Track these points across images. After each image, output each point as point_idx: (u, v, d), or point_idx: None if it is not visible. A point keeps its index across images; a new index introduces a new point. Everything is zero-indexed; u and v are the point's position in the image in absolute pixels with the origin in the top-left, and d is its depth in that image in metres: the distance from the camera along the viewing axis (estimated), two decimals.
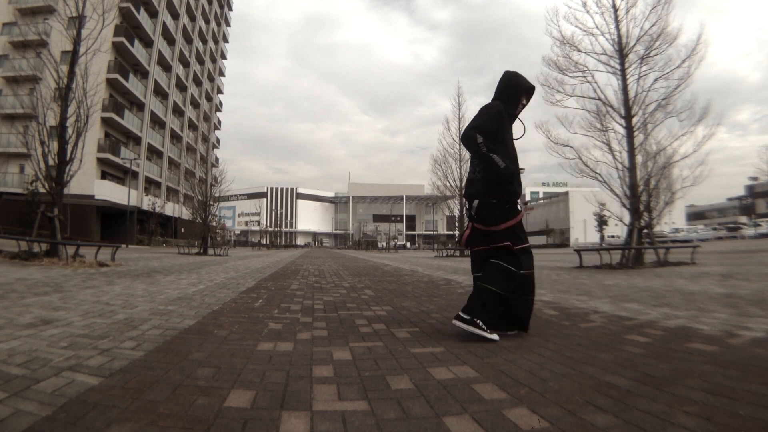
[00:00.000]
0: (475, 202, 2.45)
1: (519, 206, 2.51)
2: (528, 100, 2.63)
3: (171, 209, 41.30)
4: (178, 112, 43.50)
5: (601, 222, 39.37)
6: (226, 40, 59.57)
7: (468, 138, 2.39)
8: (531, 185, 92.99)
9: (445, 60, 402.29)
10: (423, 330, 2.57)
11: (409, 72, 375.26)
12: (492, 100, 2.57)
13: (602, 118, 9.63)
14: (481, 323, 2.26)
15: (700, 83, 10.03)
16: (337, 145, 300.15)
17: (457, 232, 25.97)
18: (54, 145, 8.82)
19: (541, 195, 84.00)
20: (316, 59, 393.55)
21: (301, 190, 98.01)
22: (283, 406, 1.34)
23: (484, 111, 2.49)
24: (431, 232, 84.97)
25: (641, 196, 9.06)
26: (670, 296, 4.08)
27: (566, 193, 60.38)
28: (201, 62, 49.30)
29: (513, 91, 2.54)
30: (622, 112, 9.39)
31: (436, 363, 1.84)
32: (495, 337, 2.27)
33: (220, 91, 58.56)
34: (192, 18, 44.95)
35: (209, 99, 53.90)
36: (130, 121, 32.94)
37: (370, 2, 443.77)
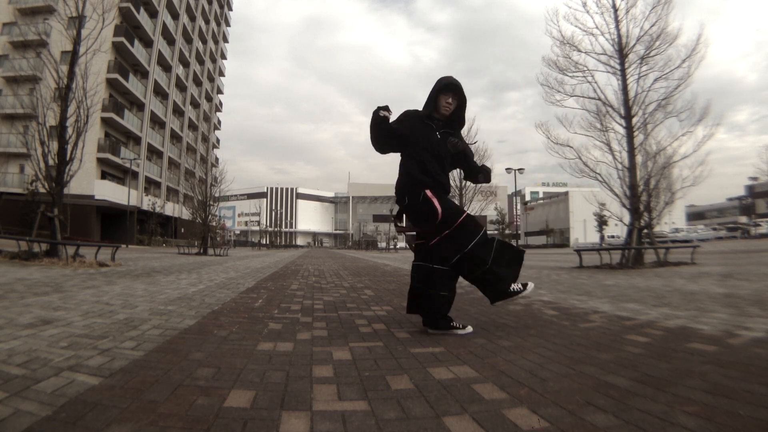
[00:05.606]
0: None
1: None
2: (451, 95, 2.50)
3: (171, 209, 41.30)
4: (178, 112, 43.49)
5: (601, 222, 39.37)
6: (226, 41, 59.57)
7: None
8: (531, 185, 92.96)
9: (444, 61, 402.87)
10: (423, 330, 2.57)
11: (409, 73, 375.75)
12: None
13: (602, 118, 9.65)
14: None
15: (699, 84, 10.07)
16: (337, 146, 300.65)
17: None
18: (54, 145, 8.81)
19: (541, 195, 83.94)
20: (315, 61, 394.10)
21: (301, 190, 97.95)
22: (283, 406, 1.34)
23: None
24: None
25: (641, 196, 9.06)
26: (670, 296, 4.08)
27: (566, 193, 60.34)
28: (201, 62, 49.30)
29: (431, 95, 2.56)
30: (622, 112, 9.39)
31: (436, 363, 1.84)
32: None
33: (220, 91, 58.54)
34: (192, 18, 44.96)
35: (209, 99, 53.90)
36: (130, 121, 32.96)
37: (369, 4, 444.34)
